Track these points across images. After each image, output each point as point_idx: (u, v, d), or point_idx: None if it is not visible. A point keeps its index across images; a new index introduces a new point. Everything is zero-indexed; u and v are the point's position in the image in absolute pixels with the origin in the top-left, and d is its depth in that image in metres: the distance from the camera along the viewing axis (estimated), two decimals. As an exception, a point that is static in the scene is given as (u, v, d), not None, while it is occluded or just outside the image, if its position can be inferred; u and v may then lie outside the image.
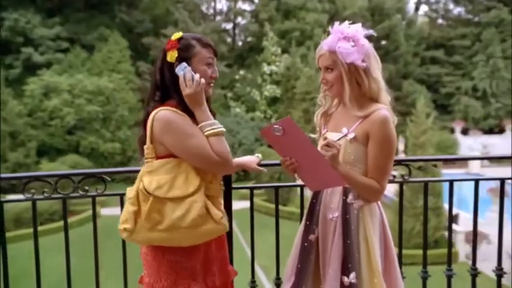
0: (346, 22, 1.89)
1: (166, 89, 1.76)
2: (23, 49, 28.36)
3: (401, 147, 21.98)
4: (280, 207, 2.67)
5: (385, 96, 1.91)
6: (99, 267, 2.54)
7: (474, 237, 2.69)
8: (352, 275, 1.86)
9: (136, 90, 29.41)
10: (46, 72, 27.58)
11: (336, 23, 1.89)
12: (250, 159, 2.12)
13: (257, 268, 3.14)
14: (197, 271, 1.74)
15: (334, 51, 1.84)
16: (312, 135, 2.12)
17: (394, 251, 1.99)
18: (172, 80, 1.74)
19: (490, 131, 33.03)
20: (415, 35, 36.61)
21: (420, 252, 2.73)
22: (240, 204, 3.06)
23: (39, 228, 2.58)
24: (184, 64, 1.72)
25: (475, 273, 2.59)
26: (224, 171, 1.85)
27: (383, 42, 35.85)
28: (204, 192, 1.71)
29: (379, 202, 1.97)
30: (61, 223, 2.52)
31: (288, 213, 12.31)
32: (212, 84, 1.83)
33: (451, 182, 2.60)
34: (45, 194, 2.38)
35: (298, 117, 25.19)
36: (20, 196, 2.37)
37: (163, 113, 1.70)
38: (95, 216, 2.51)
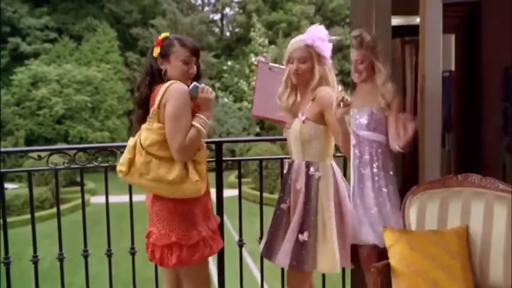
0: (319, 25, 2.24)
1: (154, 77, 2.07)
2: (10, 39, 28.12)
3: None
4: (267, 194, 3.02)
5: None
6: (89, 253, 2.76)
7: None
8: (306, 234, 2.19)
9: (125, 80, 29.35)
10: (34, 62, 27.44)
11: (314, 26, 2.21)
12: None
13: (245, 253, 3.20)
14: (200, 217, 2.13)
15: (312, 45, 2.16)
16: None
17: (349, 218, 2.29)
18: (158, 71, 2.07)
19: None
20: (400, 27, 37.07)
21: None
22: (227, 193, 3.19)
23: (30, 215, 2.76)
24: (195, 84, 2.05)
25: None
26: (175, 154, 2.01)
27: (368, 34, 36.32)
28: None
29: (338, 175, 2.28)
30: (51, 211, 2.78)
31: (274, 201, 12.36)
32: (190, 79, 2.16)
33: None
34: (65, 165, 2.65)
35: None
36: (10, 185, 2.68)
37: (178, 85, 2.00)
38: (107, 186, 2.77)
